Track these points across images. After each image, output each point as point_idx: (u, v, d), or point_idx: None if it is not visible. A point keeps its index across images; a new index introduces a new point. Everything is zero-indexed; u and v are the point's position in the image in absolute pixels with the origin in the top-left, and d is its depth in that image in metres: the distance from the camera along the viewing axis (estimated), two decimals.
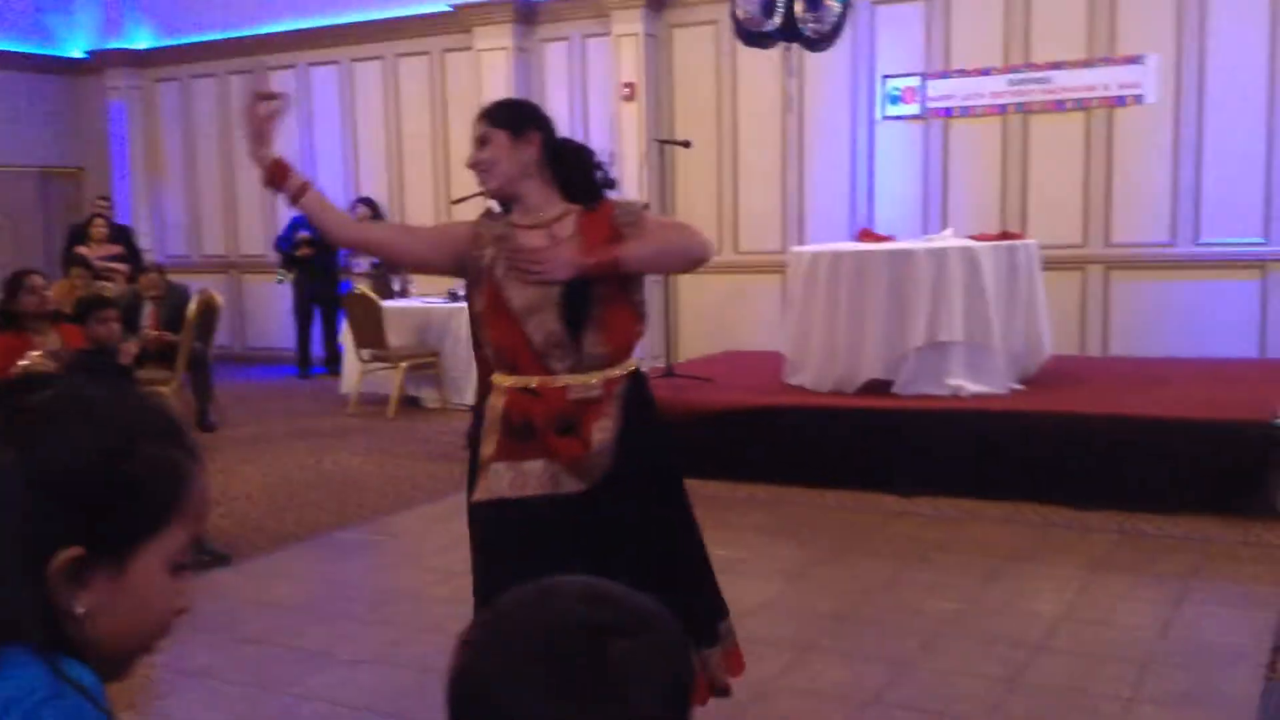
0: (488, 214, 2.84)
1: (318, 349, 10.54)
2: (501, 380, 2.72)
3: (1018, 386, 6.28)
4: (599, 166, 2.80)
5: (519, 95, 9.67)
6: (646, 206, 2.86)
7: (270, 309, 11.37)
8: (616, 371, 2.72)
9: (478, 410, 2.83)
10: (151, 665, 3.99)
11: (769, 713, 3.37)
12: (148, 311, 7.86)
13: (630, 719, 0.85)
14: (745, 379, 7.00)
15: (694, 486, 5.97)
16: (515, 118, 2.75)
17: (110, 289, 8.19)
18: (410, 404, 8.70)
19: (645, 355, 8.75)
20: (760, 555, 4.96)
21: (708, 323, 9.26)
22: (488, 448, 2.69)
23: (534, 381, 2.66)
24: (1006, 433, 5.69)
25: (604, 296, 2.66)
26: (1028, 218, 8.24)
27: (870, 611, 4.20)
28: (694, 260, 2.82)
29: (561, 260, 2.62)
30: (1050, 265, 7.22)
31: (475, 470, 2.74)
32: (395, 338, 8.53)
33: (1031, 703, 3.37)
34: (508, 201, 2.79)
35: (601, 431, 2.65)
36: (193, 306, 7.81)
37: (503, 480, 2.65)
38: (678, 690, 0.89)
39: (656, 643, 0.89)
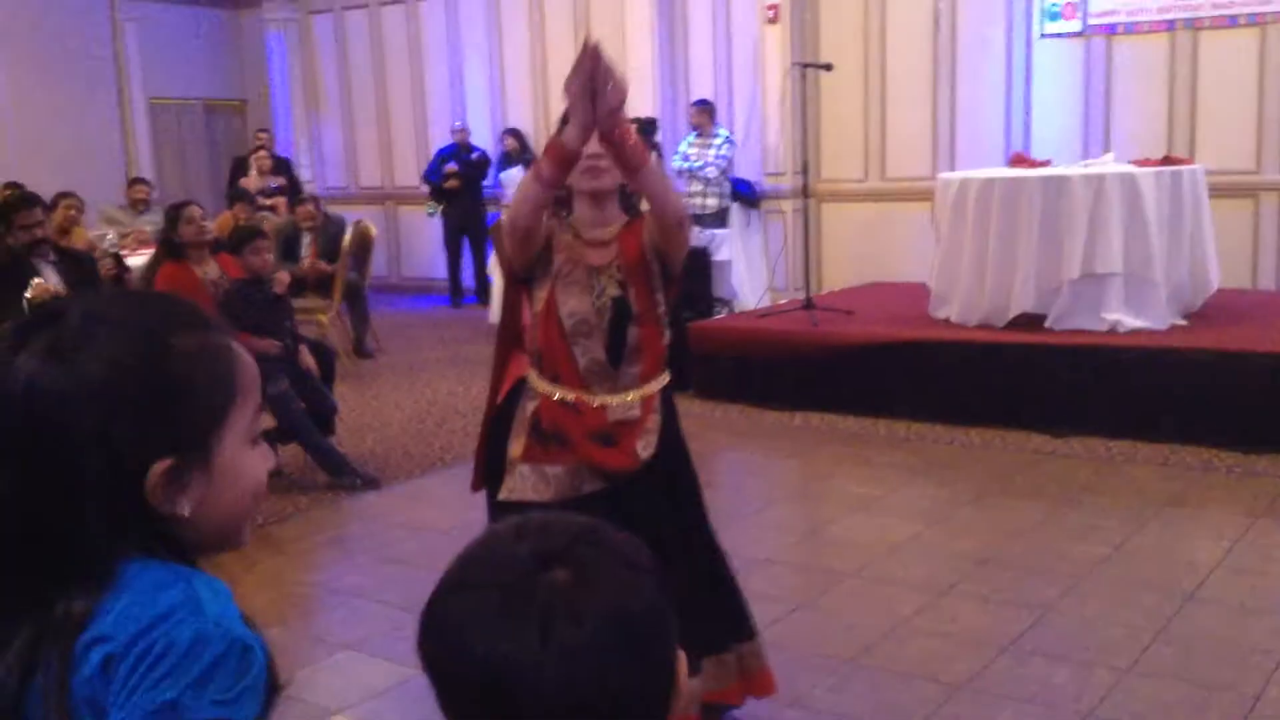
0: (557, 216, 2.77)
1: (469, 279, 10.76)
2: (539, 385, 2.74)
3: (1180, 322, 5.98)
4: None
5: (661, 21, 9.57)
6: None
7: (424, 240, 11.63)
8: (652, 388, 2.76)
9: (492, 399, 2.93)
10: (301, 583, 4.20)
11: (899, 653, 3.34)
12: (307, 242, 8.13)
13: (589, 638, 0.85)
14: (888, 311, 6.86)
15: (833, 421, 6.01)
16: (649, 135, 2.74)
17: (269, 220, 8.49)
18: None
19: (786, 286, 8.66)
20: (899, 494, 4.89)
21: (851, 253, 9.08)
22: (515, 448, 2.75)
23: (571, 396, 2.70)
24: (1166, 371, 5.43)
25: (641, 315, 2.70)
26: (1196, 142, 7.77)
27: (1013, 555, 4.11)
28: (679, 216, 2.68)
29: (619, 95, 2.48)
30: (1220, 192, 6.82)
31: (490, 462, 2.83)
32: None
33: (1176, 654, 3.26)
34: (589, 198, 2.71)
35: (646, 448, 2.71)
36: (348, 237, 8.04)
37: (526, 483, 2.70)
38: (640, 595, 0.90)
39: (598, 559, 0.90)
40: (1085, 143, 8.11)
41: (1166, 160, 6.60)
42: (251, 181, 9.70)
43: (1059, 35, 8.23)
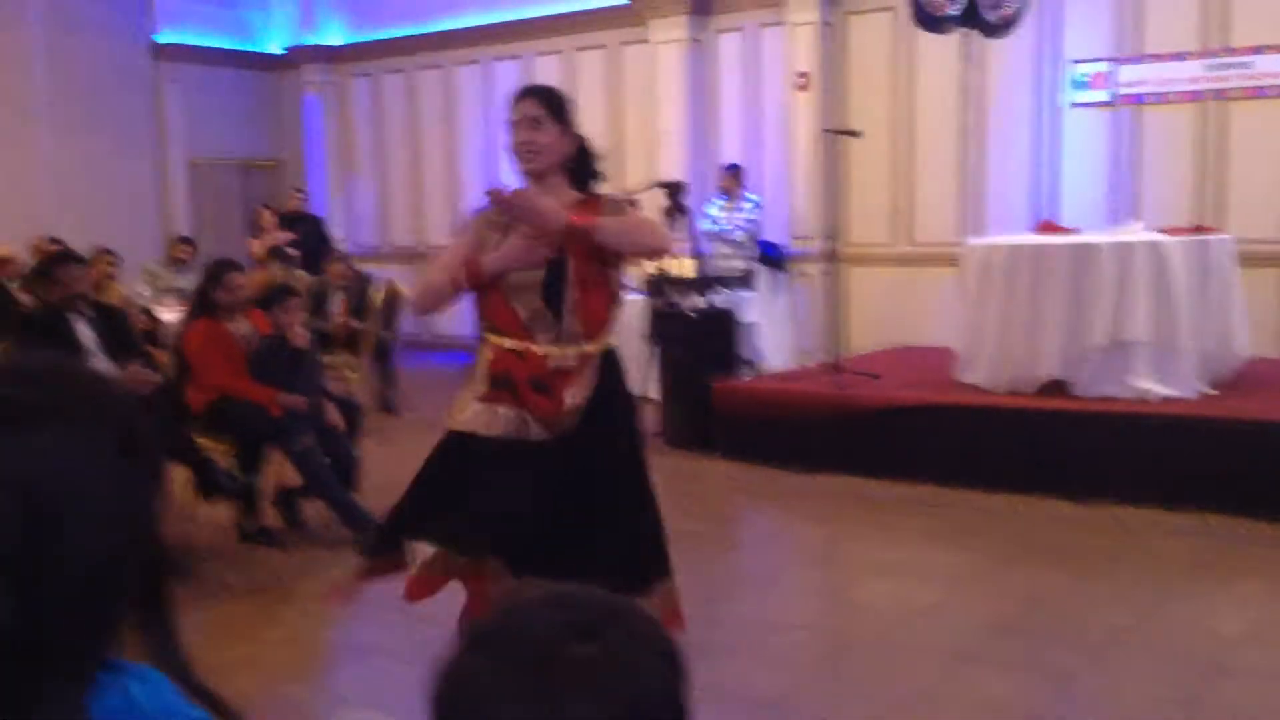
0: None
1: None
2: (491, 338, 3.05)
3: (1208, 390, 5.94)
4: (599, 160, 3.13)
5: (693, 87, 9.71)
6: (633, 203, 3.04)
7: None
8: (591, 348, 3.00)
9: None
10: (323, 640, 4.20)
11: None
12: (337, 299, 8.23)
13: (607, 717, 0.85)
14: (915, 375, 6.85)
15: (856, 484, 5.98)
16: (566, 113, 3.02)
17: (302, 278, 8.60)
18: None
19: (812, 348, 8.67)
20: (921, 559, 4.85)
21: (878, 316, 9.08)
22: (473, 391, 3.04)
23: (520, 345, 2.97)
24: (1194, 439, 5.39)
25: (584, 280, 2.93)
26: (1226, 211, 7.75)
27: (1035, 623, 4.06)
28: (653, 249, 3.20)
29: (553, 212, 2.85)
30: (1250, 261, 6.79)
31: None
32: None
33: None
34: (529, 177, 3.01)
35: (572, 397, 2.96)
36: (379, 295, 8.13)
37: (479, 418, 2.98)
38: (661, 682, 0.89)
39: (625, 638, 0.89)
40: (1113, 211, 8.11)
41: (1197, 229, 6.59)
42: (257, 245, 9.70)
43: (1087, 105, 8.28)
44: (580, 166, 3.07)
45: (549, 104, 2.99)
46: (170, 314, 7.28)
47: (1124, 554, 4.80)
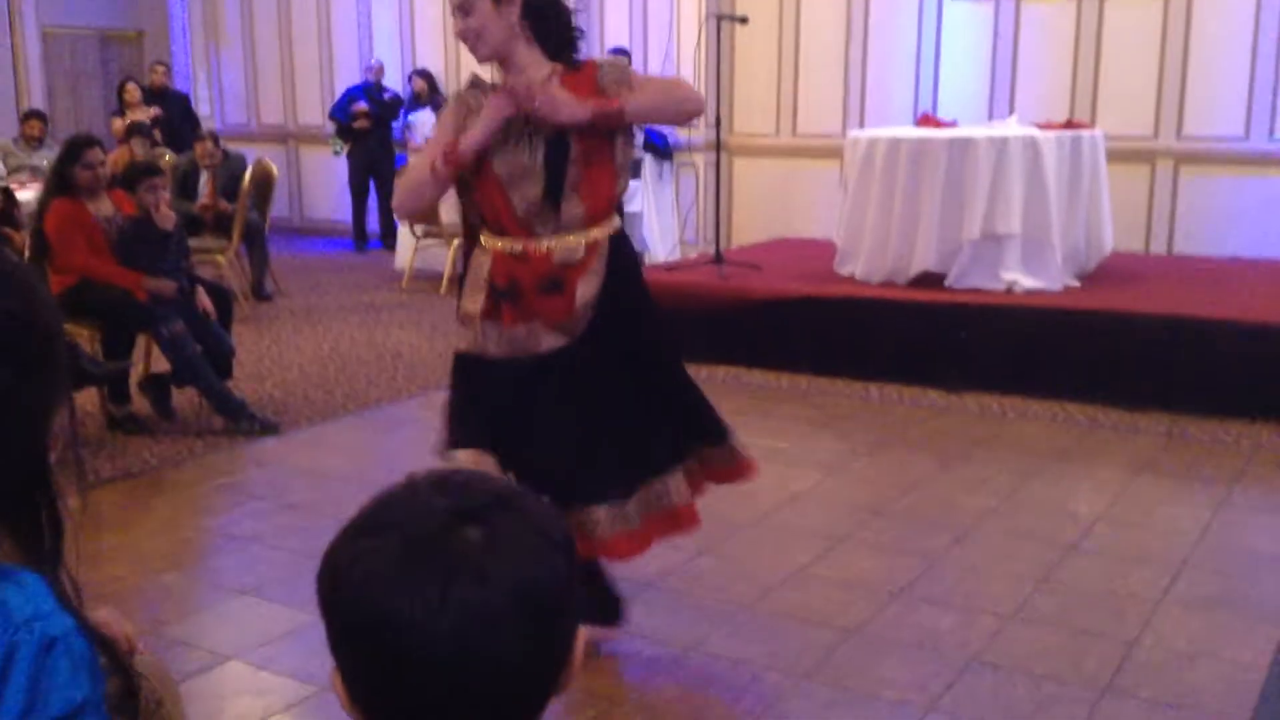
0: (473, 84, 2.86)
1: (374, 223, 10.57)
2: (489, 241, 2.81)
3: (1074, 283, 6.15)
4: (572, 17, 2.85)
5: None
6: (629, 64, 2.86)
7: (328, 181, 11.39)
8: (598, 232, 2.77)
9: (465, 266, 2.98)
10: (196, 528, 4.13)
11: (794, 600, 3.41)
12: (205, 180, 7.91)
13: (490, 601, 0.85)
14: (795, 267, 6.92)
15: (738, 374, 6.06)
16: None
17: (167, 158, 8.23)
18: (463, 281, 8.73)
19: (697, 239, 8.69)
20: (800, 446, 4.97)
21: (762, 208, 9.13)
22: (473, 303, 2.80)
23: (519, 245, 2.74)
24: (1057, 330, 5.60)
25: (585, 157, 2.70)
26: (1098, 107, 7.95)
27: (906, 506, 4.22)
28: (689, 112, 2.85)
29: (564, 99, 2.65)
30: (1118, 157, 7.00)
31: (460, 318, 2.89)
32: (448, 214, 8.52)
33: (1057, 601, 3.39)
34: (496, 65, 2.80)
35: (586, 288, 2.73)
36: (248, 176, 7.84)
37: (489, 340, 2.77)
38: (550, 569, 0.90)
39: (513, 524, 0.89)
40: (991, 105, 8.25)
41: (1069, 124, 6.75)
42: (119, 122, 9.26)
43: None
44: (549, 26, 2.75)
45: None
46: (26, 193, 6.90)
47: (991, 440, 5.00)
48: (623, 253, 2.84)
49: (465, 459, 2.67)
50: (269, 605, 3.38)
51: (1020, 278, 5.97)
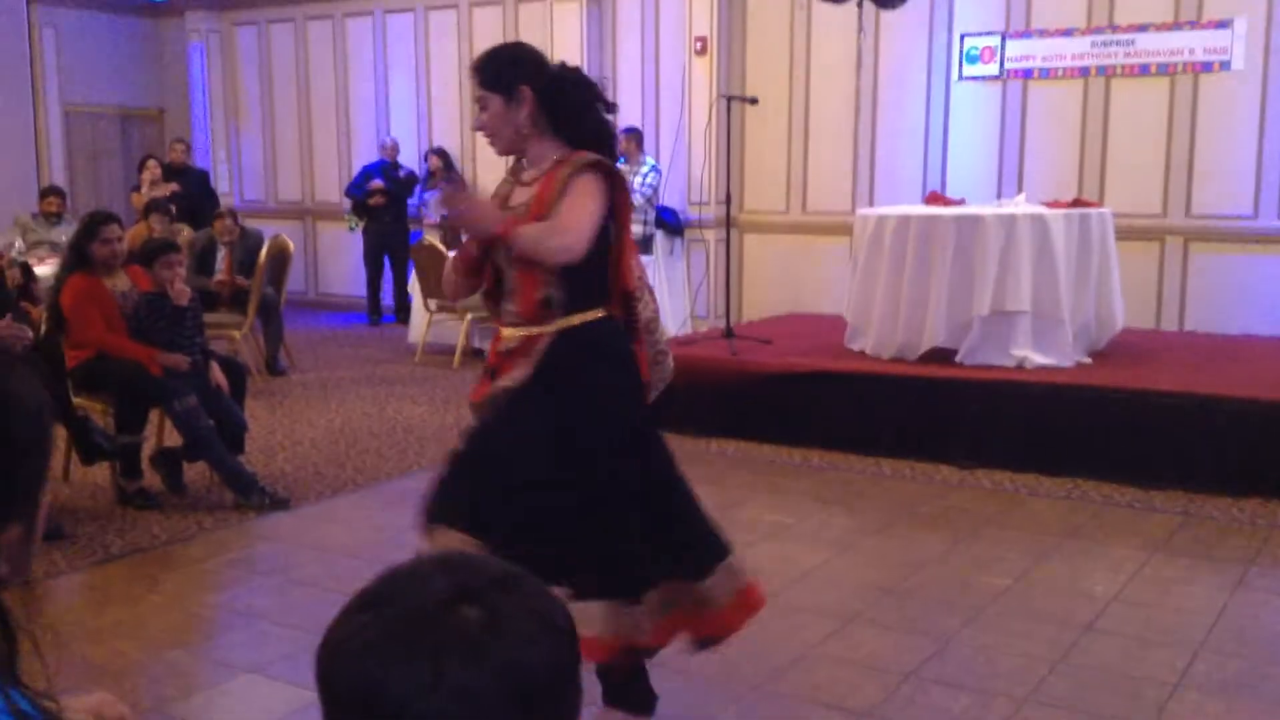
0: (512, 169, 2.96)
1: (388, 298, 10.66)
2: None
3: (1085, 360, 6.15)
4: (600, 99, 2.83)
5: (590, 48, 9.62)
6: (595, 165, 2.75)
7: (343, 256, 11.51)
8: (533, 330, 2.80)
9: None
10: (203, 604, 4.11)
11: (806, 680, 3.37)
12: (222, 256, 8.00)
13: (488, 681, 0.85)
14: (805, 342, 6.94)
15: (747, 449, 6.04)
16: (504, 79, 2.77)
17: (185, 234, 8.34)
18: (476, 355, 8.76)
19: (707, 314, 8.73)
20: (810, 522, 4.94)
21: (772, 284, 9.19)
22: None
23: (496, 326, 2.95)
24: (1070, 407, 5.58)
25: (518, 261, 2.76)
26: (1106, 185, 8.02)
27: (917, 585, 4.17)
28: (560, 261, 2.73)
29: (478, 214, 2.76)
30: (1128, 235, 7.03)
31: None
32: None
33: (1072, 684, 3.33)
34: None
35: (508, 380, 2.80)
36: (265, 252, 7.93)
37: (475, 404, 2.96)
38: (547, 652, 0.89)
39: (515, 607, 0.89)
40: (999, 183, 8.32)
41: (1076, 203, 6.79)
42: (140, 198, 9.39)
43: (977, 78, 8.44)
44: (555, 122, 2.77)
45: (483, 76, 2.80)
46: (45, 268, 6.99)
47: (1003, 518, 4.96)
48: (569, 351, 2.77)
49: (449, 539, 2.71)
50: (273, 684, 3.35)
51: (1031, 354, 5.97)
